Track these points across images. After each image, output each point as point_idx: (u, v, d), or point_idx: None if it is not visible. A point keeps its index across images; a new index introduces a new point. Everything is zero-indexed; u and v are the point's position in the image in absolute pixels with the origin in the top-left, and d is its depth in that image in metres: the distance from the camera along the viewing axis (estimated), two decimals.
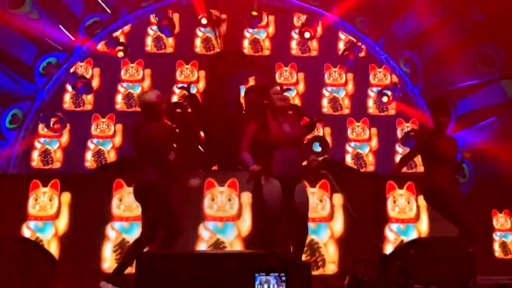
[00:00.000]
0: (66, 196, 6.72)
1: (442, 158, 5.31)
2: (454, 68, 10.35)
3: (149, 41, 12.13)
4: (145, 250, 4.74)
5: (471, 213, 5.40)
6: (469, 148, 5.66)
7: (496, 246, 8.16)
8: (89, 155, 11.13)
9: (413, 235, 6.70)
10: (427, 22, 10.81)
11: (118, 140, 11.13)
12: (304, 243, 5.36)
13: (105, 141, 11.18)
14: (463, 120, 10.32)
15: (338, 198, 6.65)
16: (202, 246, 6.51)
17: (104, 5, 11.63)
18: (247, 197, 6.58)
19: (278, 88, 5.38)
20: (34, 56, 11.07)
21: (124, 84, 11.73)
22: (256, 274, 3.14)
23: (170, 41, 12.09)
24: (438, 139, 5.36)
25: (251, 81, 10.80)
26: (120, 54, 11.46)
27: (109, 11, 11.76)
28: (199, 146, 8.68)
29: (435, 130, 5.51)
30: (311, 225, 6.49)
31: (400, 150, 11.45)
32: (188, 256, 3.39)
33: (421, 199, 6.88)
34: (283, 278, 3.21)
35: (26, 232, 6.59)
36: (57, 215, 6.67)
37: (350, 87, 11.92)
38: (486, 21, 9.92)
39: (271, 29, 12.28)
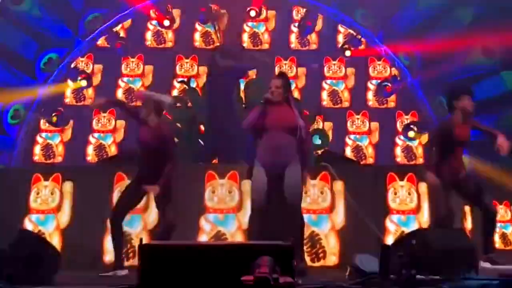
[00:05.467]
0: (68, 190, 6.76)
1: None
2: (454, 60, 10.34)
3: (149, 36, 12.15)
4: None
5: None
6: None
7: (496, 237, 8.18)
8: (90, 149, 11.20)
9: (414, 226, 6.71)
10: (426, 14, 10.81)
11: (119, 134, 11.17)
12: (302, 234, 5.39)
13: (106, 135, 11.24)
14: None
15: (338, 186, 6.67)
16: (203, 238, 6.54)
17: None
18: (247, 189, 6.60)
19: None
20: (35, 52, 11.11)
21: (125, 78, 11.77)
22: None
23: (170, 35, 12.12)
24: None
25: (251, 75, 10.83)
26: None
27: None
28: (199, 140, 8.72)
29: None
30: (312, 217, 6.57)
31: (400, 143, 11.49)
32: (192, 248, 3.40)
33: (421, 190, 6.91)
34: None
35: (28, 225, 6.63)
36: (58, 208, 6.72)
37: (351, 80, 11.96)
38: (486, 13, 9.90)
39: (270, 23, 12.29)
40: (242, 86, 9.75)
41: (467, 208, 7.10)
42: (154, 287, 3.10)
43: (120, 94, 11.63)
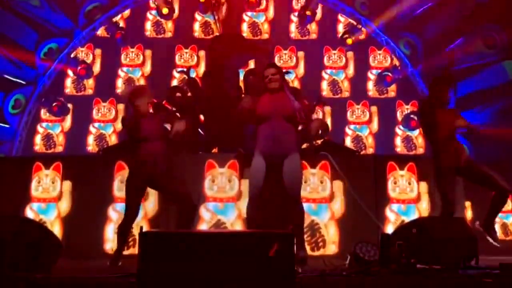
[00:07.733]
0: (68, 178, 6.78)
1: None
2: (455, 50, 10.32)
3: (148, 25, 12.13)
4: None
5: None
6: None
7: (496, 227, 8.19)
8: (91, 139, 11.22)
9: (414, 216, 6.71)
10: (427, 3, 10.78)
11: (119, 124, 11.16)
12: (302, 223, 5.40)
13: (107, 125, 11.26)
14: (464, 102, 10.32)
15: (339, 179, 6.68)
16: (203, 227, 6.56)
17: None
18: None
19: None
20: (35, 42, 11.10)
21: (124, 68, 11.76)
22: None
23: (169, 25, 12.09)
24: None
25: (251, 64, 10.79)
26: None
27: None
28: (199, 129, 8.71)
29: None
30: (311, 206, 6.56)
31: (400, 132, 11.47)
32: (192, 236, 3.41)
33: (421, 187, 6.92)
34: None
35: (30, 213, 6.65)
36: (59, 197, 6.73)
37: (351, 69, 11.92)
38: (488, 2, 9.87)
39: (270, 13, 12.25)
40: (241, 76, 9.73)
41: (467, 204, 7.12)
42: (154, 275, 3.12)
43: (120, 83, 11.64)
